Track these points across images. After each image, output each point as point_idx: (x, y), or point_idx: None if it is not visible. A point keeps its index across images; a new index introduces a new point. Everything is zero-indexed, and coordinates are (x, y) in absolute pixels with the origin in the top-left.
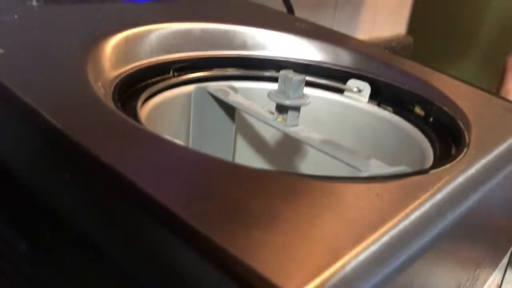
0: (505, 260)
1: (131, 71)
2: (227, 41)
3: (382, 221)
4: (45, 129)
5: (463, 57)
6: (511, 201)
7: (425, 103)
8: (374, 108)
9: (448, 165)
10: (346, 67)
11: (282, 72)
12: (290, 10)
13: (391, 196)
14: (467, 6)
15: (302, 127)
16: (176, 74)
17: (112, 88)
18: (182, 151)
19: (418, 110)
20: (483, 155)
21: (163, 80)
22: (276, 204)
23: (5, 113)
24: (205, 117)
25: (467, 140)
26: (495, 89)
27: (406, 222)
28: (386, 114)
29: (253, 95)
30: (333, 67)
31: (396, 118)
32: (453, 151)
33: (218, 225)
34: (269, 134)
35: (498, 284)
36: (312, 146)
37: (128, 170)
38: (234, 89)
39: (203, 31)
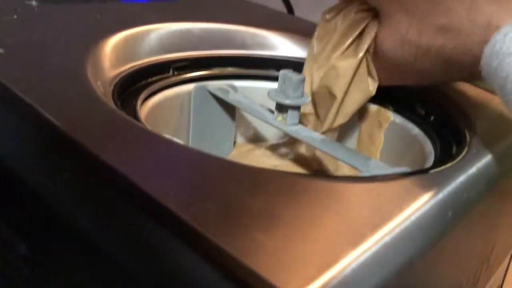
0: (506, 261)
1: (130, 70)
2: (227, 41)
3: (383, 221)
4: (44, 128)
5: None
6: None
7: (425, 102)
8: (374, 107)
9: (448, 165)
10: None
11: (282, 72)
12: (290, 10)
13: (391, 196)
14: None
15: (302, 126)
16: (176, 73)
17: (111, 87)
18: (182, 150)
19: (419, 109)
20: (484, 155)
21: (163, 79)
22: (276, 204)
23: (5, 112)
24: (205, 116)
25: (467, 139)
26: None
27: (407, 222)
28: (387, 113)
29: (253, 94)
30: None
31: (397, 117)
32: (454, 150)
33: (217, 226)
34: (270, 133)
35: (499, 285)
36: (312, 146)
37: (128, 169)
38: (234, 88)
39: (203, 30)
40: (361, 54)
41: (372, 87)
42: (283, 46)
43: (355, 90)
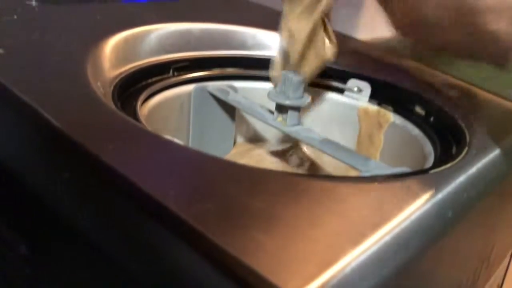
0: (506, 260)
1: (130, 71)
2: (227, 41)
3: (383, 221)
4: (44, 128)
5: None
6: (511, 201)
7: (425, 103)
8: (374, 108)
9: (448, 165)
10: (347, 67)
11: (282, 72)
12: None
13: (391, 196)
14: None
15: (302, 127)
16: (175, 73)
17: (111, 88)
18: (182, 150)
19: (418, 109)
20: (483, 155)
21: (163, 79)
22: (276, 204)
23: (5, 113)
24: (205, 117)
25: (467, 140)
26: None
27: (407, 222)
28: (387, 113)
29: (253, 94)
30: (333, 67)
31: (397, 118)
32: (454, 150)
33: (218, 225)
34: (270, 134)
35: (499, 284)
36: (312, 146)
37: (128, 170)
38: (234, 89)
39: (203, 31)
40: (315, 16)
41: (329, 51)
42: None
43: (311, 54)
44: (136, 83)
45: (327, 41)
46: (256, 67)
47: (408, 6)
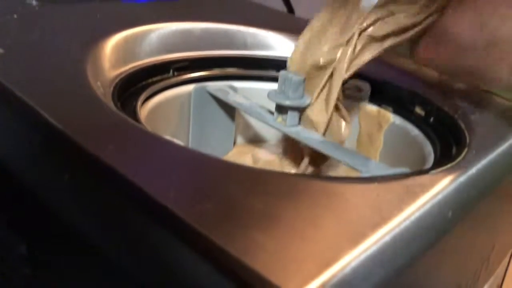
0: (506, 260)
1: (130, 70)
2: (227, 41)
3: (383, 221)
4: (44, 129)
5: None
6: (511, 201)
7: (425, 103)
8: (374, 108)
9: (448, 166)
10: None
11: (282, 72)
12: (290, 10)
13: (391, 196)
14: None
15: (302, 128)
16: (176, 73)
17: (111, 88)
18: (181, 151)
19: (418, 110)
20: (483, 155)
21: (163, 79)
22: (276, 204)
23: (4, 113)
24: (205, 117)
25: (467, 140)
26: None
27: (407, 223)
28: (386, 114)
29: (253, 95)
30: None
31: (397, 118)
32: (454, 151)
33: (217, 225)
34: (269, 134)
35: (498, 284)
36: (312, 147)
37: (128, 170)
38: (234, 89)
39: (203, 31)
40: (331, 109)
41: (344, 131)
42: (283, 46)
43: (328, 134)
44: (136, 83)
45: (342, 122)
46: (256, 67)
47: (440, 33)
